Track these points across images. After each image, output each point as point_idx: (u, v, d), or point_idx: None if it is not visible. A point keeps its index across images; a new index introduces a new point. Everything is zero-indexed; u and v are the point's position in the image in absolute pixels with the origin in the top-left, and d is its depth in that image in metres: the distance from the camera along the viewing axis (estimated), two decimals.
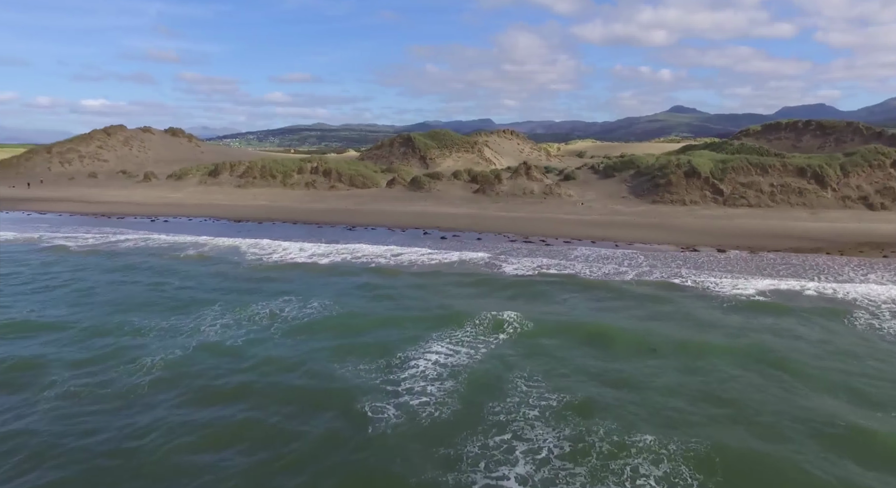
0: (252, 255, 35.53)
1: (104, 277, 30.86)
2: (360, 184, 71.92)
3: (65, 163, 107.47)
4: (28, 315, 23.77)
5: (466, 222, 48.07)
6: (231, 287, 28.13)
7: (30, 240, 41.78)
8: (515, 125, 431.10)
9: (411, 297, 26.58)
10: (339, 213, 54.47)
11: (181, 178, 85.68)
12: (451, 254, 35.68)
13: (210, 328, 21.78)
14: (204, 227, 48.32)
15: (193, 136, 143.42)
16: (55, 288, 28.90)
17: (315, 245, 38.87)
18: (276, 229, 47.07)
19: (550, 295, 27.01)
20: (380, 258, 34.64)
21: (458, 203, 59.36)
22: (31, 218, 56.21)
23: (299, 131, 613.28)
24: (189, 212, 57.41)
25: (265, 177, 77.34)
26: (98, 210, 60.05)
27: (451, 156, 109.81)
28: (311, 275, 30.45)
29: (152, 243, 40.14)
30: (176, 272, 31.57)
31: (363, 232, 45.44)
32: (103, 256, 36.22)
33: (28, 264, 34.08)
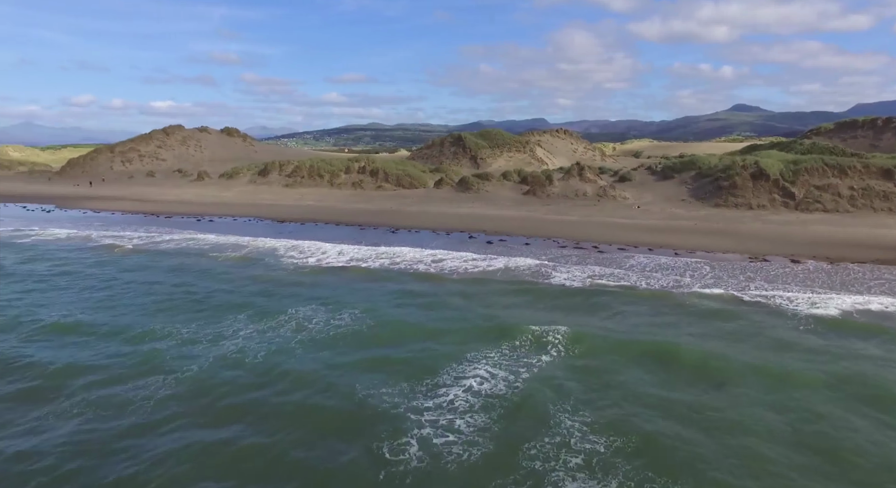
0: (289, 258, 34.38)
1: (141, 277, 30.31)
2: (407, 184, 70.53)
3: (126, 162, 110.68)
4: (57, 316, 23.19)
5: (514, 225, 45.80)
6: (263, 292, 26.92)
7: (80, 239, 42.06)
8: (569, 124, 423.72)
9: (449, 308, 24.66)
10: (383, 215, 53.11)
11: (232, 177, 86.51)
12: (496, 260, 33.58)
13: (232, 338, 20.47)
14: (247, 228, 47.79)
15: (248, 136, 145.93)
16: (90, 288, 28.42)
17: (355, 248, 37.47)
18: (318, 230, 46.03)
19: (603, 308, 24.59)
20: (420, 264, 32.87)
21: (506, 205, 57.09)
22: (86, 216, 57.23)
23: (354, 131, 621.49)
24: (235, 212, 57.26)
25: (313, 177, 77.00)
26: (149, 209, 60.72)
27: (502, 156, 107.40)
28: (346, 281, 28.96)
29: (194, 244, 39.64)
30: (211, 275, 30.70)
31: (406, 234, 43.83)
32: (145, 256, 35.86)
33: (71, 263, 34.03)
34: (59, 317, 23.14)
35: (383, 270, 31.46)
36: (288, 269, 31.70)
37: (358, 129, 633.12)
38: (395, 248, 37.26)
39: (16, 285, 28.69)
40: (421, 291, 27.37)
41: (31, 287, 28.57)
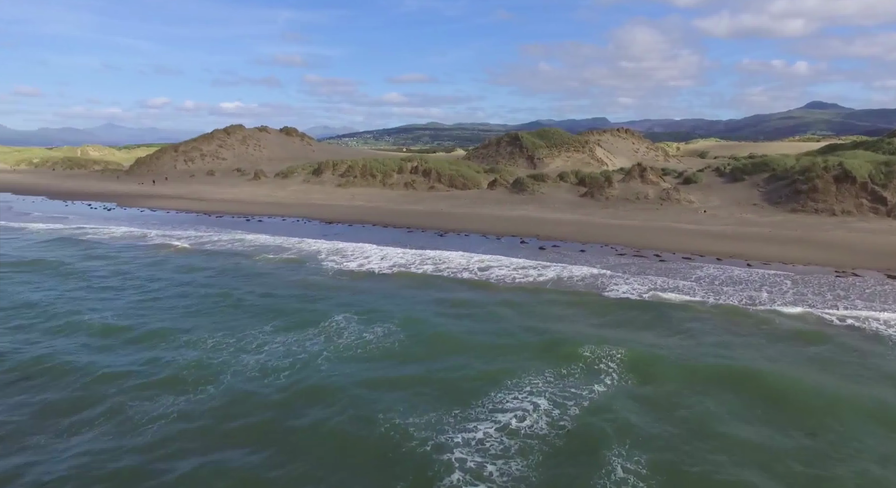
0: (331, 262, 33.06)
1: (182, 279, 29.69)
2: (459, 185, 68.68)
3: (188, 161, 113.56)
4: (98, 318, 22.76)
5: (570, 230, 43.16)
6: (299, 298, 25.59)
7: (132, 237, 42.27)
8: (631, 124, 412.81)
9: (494, 321, 22.61)
10: (433, 216, 51.41)
11: (287, 177, 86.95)
12: (548, 268, 31.21)
13: (257, 348, 19.12)
14: (295, 228, 47.03)
15: (306, 135, 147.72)
16: (135, 289, 27.97)
17: (400, 252, 35.84)
18: (365, 232, 44.75)
19: (666, 326, 21.96)
20: (466, 270, 30.88)
21: (562, 208, 54.36)
22: (142, 215, 58.11)
23: (413, 130, 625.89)
24: (286, 212, 56.83)
25: (365, 177, 76.23)
26: (203, 208, 61.18)
27: (560, 156, 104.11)
28: (385, 288, 27.30)
29: (239, 245, 38.99)
30: (249, 277, 29.72)
31: (454, 238, 41.92)
32: (191, 257, 35.39)
33: (120, 262, 34.02)
34: (99, 319, 22.73)
35: (426, 277, 29.66)
36: (328, 274, 30.36)
37: (417, 129, 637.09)
38: (441, 253, 35.42)
39: (68, 284, 28.62)
40: (464, 301, 25.42)
41: (78, 285, 28.60)
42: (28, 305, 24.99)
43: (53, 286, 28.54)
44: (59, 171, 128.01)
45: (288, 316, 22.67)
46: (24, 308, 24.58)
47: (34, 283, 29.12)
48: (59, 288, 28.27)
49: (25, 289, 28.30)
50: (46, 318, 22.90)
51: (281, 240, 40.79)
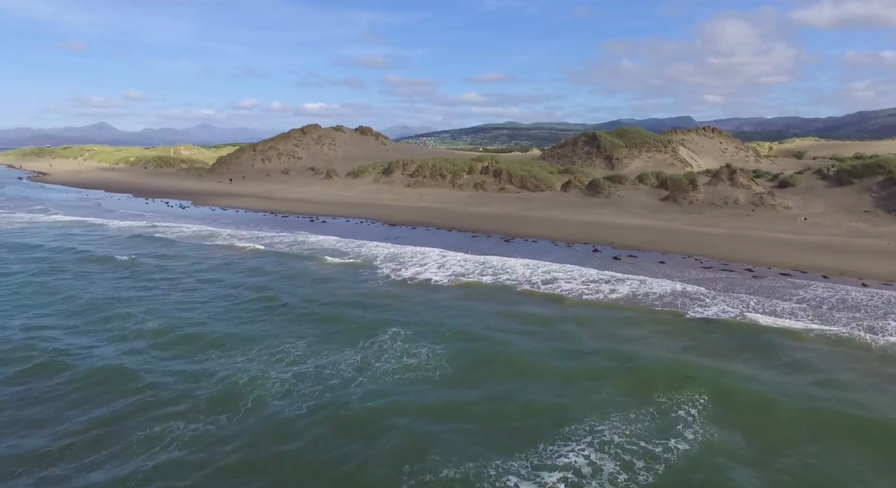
0: (386, 268, 31.22)
1: (232, 280, 28.98)
2: (531, 186, 65.64)
3: (265, 160, 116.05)
4: (154, 322, 22.20)
5: (648, 238, 39.43)
6: (345, 307, 23.84)
7: (199, 236, 42.31)
8: (718, 123, 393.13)
9: (557, 341, 19.96)
10: (500, 220, 48.79)
11: (358, 176, 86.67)
12: (623, 281, 28.02)
13: (289, 364, 17.52)
14: (357, 230, 45.73)
15: (380, 135, 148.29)
16: (177, 289, 27.47)
17: (461, 259, 33.55)
18: (427, 236, 42.78)
19: (764, 357, 18.60)
20: (530, 282, 28.18)
21: (641, 213, 50.36)
22: (213, 213, 58.78)
23: (491, 130, 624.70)
24: (351, 213, 55.80)
25: (434, 177, 74.51)
26: (271, 207, 61.27)
27: (640, 157, 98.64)
28: (439, 300, 25.07)
29: (297, 248, 37.94)
30: (300, 283, 28.36)
31: (521, 244, 39.18)
32: (246, 257, 34.63)
33: (182, 260, 33.89)
34: (139, 320, 21.83)
35: (486, 288, 27.21)
36: (381, 282, 28.50)
37: (494, 128, 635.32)
38: (505, 260, 32.84)
39: (125, 281, 28.49)
40: (526, 317, 22.85)
41: (133, 283, 28.42)
42: (84, 302, 24.83)
43: (111, 283, 28.45)
44: (150, 170, 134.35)
45: (331, 329, 20.92)
46: (84, 305, 24.38)
47: (96, 280, 29.20)
48: (115, 285, 28.15)
49: (85, 284, 28.50)
50: (85, 316, 22.24)
51: (341, 242, 39.49)
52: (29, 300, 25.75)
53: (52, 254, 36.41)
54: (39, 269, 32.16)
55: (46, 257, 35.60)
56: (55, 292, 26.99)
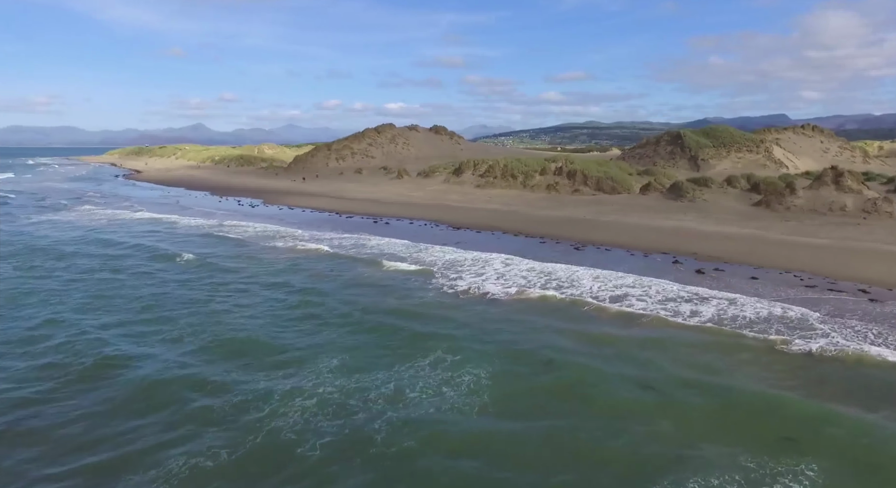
0: (443, 277, 29.07)
1: (280, 282, 28.10)
2: (607, 188, 61.73)
3: (339, 159, 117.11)
4: (163, 319, 21.00)
5: (737, 249, 35.27)
6: (389, 320, 21.89)
7: (261, 237, 41.79)
8: (818, 120, 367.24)
9: (626, 371, 17.19)
10: (572, 225, 45.61)
11: (428, 176, 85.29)
12: (708, 301, 24.55)
13: (311, 389, 15.54)
14: (419, 233, 43.90)
15: (455, 134, 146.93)
16: (221, 293, 26.43)
17: (524, 267, 30.93)
18: (491, 241, 40.33)
19: (889, 404, 15.00)
20: (597, 297, 25.20)
21: (728, 219, 45.73)
22: (280, 213, 58.77)
23: (570, 129, 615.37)
24: (416, 214, 54.11)
25: (505, 178, 71.83)
26: (338, 207, 60.65)
27: (728, 158, 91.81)
28: (494, 316, 22.63)
29: (355, 252, 36.50)
30: (345, 289, 26.79)
31: (592, 253, 36.01)
32: (299, 258, 33.54)
33: (235, 258, 33.32)
34: (188, 328, 20.81)
35: (548, 303, 24.52)
36: (435, 292, 26.39)
37: (574, 128, 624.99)
38: (574, 270, 29.95)
39: (175, 280, 27.79)
40: (592, 339, 20.08)
41: (190, 285, 27.70)
42: (136, 302, 24.43)
43: (167, 283, 28.13)
44: (232, 168, 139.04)
45: (362, 355, 18.89)
46: (135, 306, 23.98)
47: (154, 280, 29.01)
48: (169, 286, 27.79)
49: (143, 283, 28.42)
50: (134, 316, 21.37)
51: (401, 246, 37.78)
52: (86, 298, 25.58)
53: (120, 251, 36.98)
54: (102, 265, 32.41)
55: (114, 254, 36.14)
56: (111, 291, 26.84)
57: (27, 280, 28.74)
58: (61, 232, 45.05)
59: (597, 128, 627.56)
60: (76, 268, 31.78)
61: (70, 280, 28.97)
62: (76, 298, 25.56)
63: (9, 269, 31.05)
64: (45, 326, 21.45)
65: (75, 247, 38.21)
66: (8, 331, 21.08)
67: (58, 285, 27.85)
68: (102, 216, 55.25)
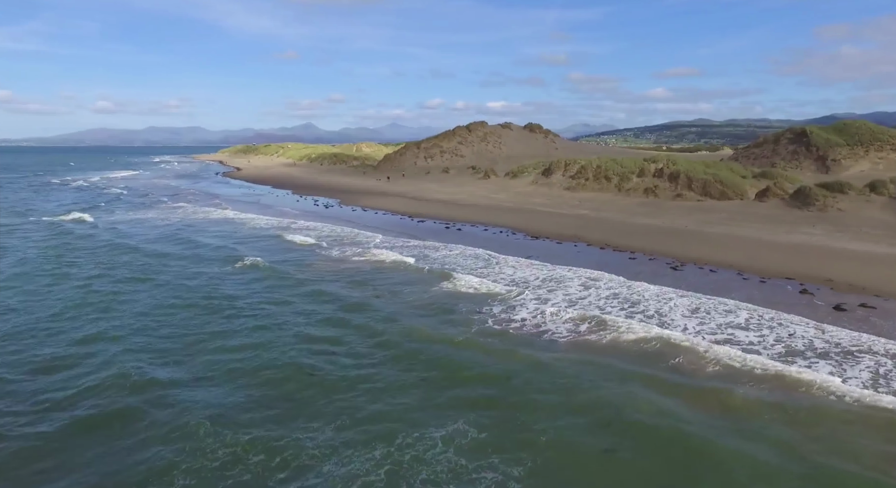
0: (497, 304, 24.14)
1: (316, 297, 23.95)
2: (715, 193, 53.75)
3: (428, 158, 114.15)
4: (197, 340, 17.54)
5: (890, 276, 27.63)
6: (413, 365, 17.37)
7: (325, 238, 38.66)
8: None
9: (738, 455, 11.64)
10: (671, 237, 38.98)
11: (516, 176, 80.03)
12: (852, 354, 18.05)
13: (279, 466, 11.27)
14: (491, 241, 39.03)
15: (550, 132, 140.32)
16: (247, 309, 22.96)
17: (606, 293, 25.36)
18: (573, 254, 34.77)
19: None
20: (693, 340, 19.30)
21: (875, 235, 37.27)
22: (353, 214, 55.98)
23: (678, 127, 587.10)
24: (493, 219, 49.20)
25: (598, 180, 65.20)
26: (413, 209, 56.93)
27: (866, 158, 79.38)
28: (552, 367, 17.43)
29: (413, 261, 32.33)
30: (379, 312, 22.59)
31: (693, 273, 29.63)
32: (351, 269, 29.85)
33: (281, 261, 29.92)
34: (182, 351, 17.31)
35: (624, 348, 18.99)
36: (481, 324, 21.55)
37: (682, 126, 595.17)
38: (668, 297, 24.04)
39: (228, 286, 24.79)
40: (683, 403, 14.59)
41: (234, 294, 24.45)
42: (183, 314, 21.45)
43: (217, 293, 25.50)
44: (324, 166, 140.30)
45: (371, 406, 14.51)
46: (178, 320, 20.90)
47: (204, 286, 26.60)
48: (217, 295, 25.23)
49: (191, 289, 26.41)
50: (175, 335, 18.28)
51: (465, 258, 33.29)
52: (129, 306, 23.53)
53: (180, 250, 36.10)
54: (146, 266, 30.71)
55: (175, 253, 35.30)
56: (157, 298, 24.94)
57: (57, 278, 26.97)
58: (140, 228, 45.65)
59: (707, 125, 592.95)
60: (129, 267, 30.53)
61: (113, 281, 27.39)
62: (95, 302, 23.28)
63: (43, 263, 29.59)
64: (60, 344, 18.82)
65: (145, 244, 38.05)
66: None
67: (87, 287, 25.78)
68: (185, 213, 55.51)
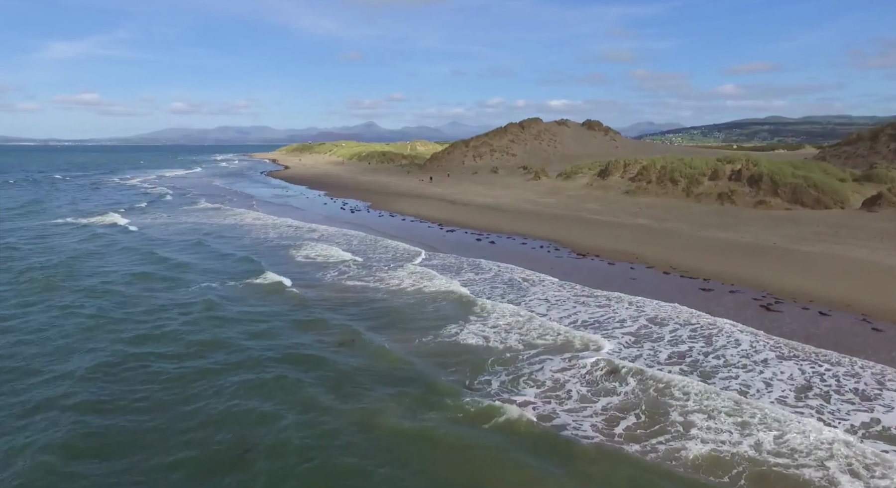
0: (504, 372, 17.26)
1: (287, 334, 17.71)
2: (809, 200, 44.70)
3: (476, 156, 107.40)
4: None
5: None
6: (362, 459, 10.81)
7: (325, 254, 32.81)
8: None
9: None
10: (756, 257, 30.86)
11: (569, 178, 72.25)
12: None
13: None
14: (526, 258, 32.03)
15: (611, 130, 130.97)
16: (233, 343, 16.91)
17: (668, 352, 18.07)
18: (626, 282, 27.36)
19: None
20: (821, 449, 11.91)
21: None
22: (379, 220, 49.92)
23: (748, 125, 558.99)
24: (535, 230, 41.91)
25: (662, 183, 56.77)
26: (446, 216, 50.25)
27: None
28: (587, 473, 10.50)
29: (412, 295, 25.81)
30: (338, 376, 16.06)
31: (796, 316, 21.74)
32: (337, 305, 23.60)
33: (259, 295, 23.87)
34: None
35: (688, 462, 11.79)
36: (447, 425, 14.77)
37: (753, 124, 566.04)
38: (760, 350, 16.56)
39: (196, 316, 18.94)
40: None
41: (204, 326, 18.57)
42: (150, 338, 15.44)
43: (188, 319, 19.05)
44: (373, 165, 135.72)
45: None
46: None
47: (180, 307, 20.21)
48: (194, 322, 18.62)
49: (169, 312, 19.49)
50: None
51: (487, 284, 26.60)
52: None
53: (176, 255, 32.57)
54: (128, 281, 25.19)
55: (164, 259, 30.85)
56: (129, 316, 19.74)
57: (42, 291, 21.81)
58: (163, 233, 42.47)
59: (780, 123, 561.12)
60: (119, 279, 24.73)
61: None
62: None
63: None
64: None
65: (168, 252, 34.56)
66: None
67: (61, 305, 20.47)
68: (210, 216, 51.57)
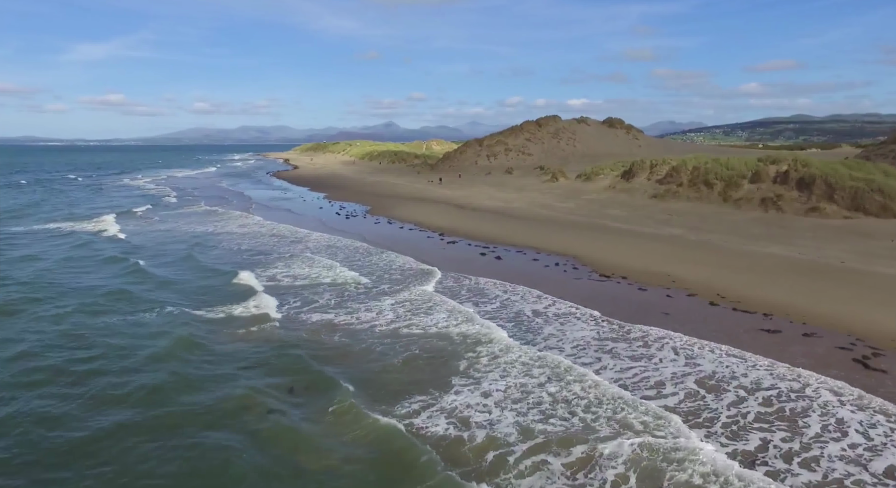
0: (544, 437, 11.63)
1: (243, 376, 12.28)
2: (873, 207, 38.39)
3: (491, 156, 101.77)
4: None
5: None
6: None
7: (312, 267, 27.56)
8: None
9: None
10: (825, 280, 24.78)
11: (589, 179, 66.29)
12: None
13: None
14: (538, 281, 26.38)
15: (633, 128, 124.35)
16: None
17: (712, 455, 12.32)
18: (658, 317, 21.56)
19: None
20: None
21: None
22: (375, 228, 44.57)
23: (773, 124, 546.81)
24: (548, 241, 36.21)
25: (695, 186, 50.61)
26: (448, 223, 44.57)
27: None
28: None
29: (390, 340, 20.34)
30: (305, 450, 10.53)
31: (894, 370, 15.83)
32: (295, 341, 18.24)
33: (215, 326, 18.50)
34: None
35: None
36: None
37: (777, 122, 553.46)
38: (818, 420, 10.79)
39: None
40: None
41: None
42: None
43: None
44: (383, 165, 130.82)
45: None
46: None
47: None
48: None
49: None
50: None
51: (484, 311, 20.95)
52: None
53: (155, 271, 27.20)
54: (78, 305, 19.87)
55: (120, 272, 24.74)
56: None
57: None
58: (150, 240, 38.87)
59: (806, 122, 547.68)
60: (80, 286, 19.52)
61: None
62: None
63: None
64: None
65: (142, 261, 29.39)
66: None
67: None
68: (205, 220, 46.71)
